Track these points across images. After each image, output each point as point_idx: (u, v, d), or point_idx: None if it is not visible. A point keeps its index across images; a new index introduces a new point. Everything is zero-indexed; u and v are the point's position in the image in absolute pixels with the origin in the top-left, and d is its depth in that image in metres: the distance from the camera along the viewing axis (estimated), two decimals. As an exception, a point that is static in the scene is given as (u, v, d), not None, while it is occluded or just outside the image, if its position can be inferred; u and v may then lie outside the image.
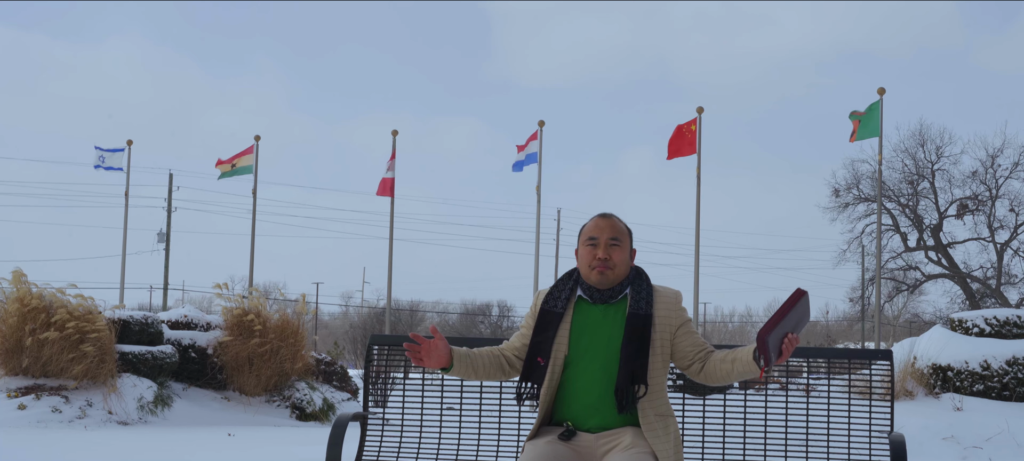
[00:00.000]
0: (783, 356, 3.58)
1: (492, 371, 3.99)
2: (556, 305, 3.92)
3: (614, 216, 3.97)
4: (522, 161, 23.79)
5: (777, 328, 3.55)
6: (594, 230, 3.92)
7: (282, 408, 15.93)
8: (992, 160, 38.94)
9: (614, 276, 3.87)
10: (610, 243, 3.88)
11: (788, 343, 3.57)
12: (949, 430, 11.37)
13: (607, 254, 3.87)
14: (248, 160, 25.16)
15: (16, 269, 14.62)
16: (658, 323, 3.86)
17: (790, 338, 3.58)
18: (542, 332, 3.89)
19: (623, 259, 3.89)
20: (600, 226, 3.92)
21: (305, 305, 17.15)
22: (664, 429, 3.82)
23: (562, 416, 3.88)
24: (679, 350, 3.90)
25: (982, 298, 39.20)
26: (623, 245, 3.90)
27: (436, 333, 3.82)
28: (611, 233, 3.90)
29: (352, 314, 71.94)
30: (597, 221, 3.95)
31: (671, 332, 3.89)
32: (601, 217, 3.96)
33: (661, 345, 3.87)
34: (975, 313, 13.74)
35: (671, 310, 3.89)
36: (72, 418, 13.42)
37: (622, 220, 3.98)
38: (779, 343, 3.58)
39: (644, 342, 3.80)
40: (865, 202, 39.63)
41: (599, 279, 3.87)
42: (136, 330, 15.34)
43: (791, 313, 3.57)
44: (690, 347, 3.90)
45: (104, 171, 25.66)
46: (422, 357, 3.77)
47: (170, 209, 46.47)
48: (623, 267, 3.89)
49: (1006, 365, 12.68)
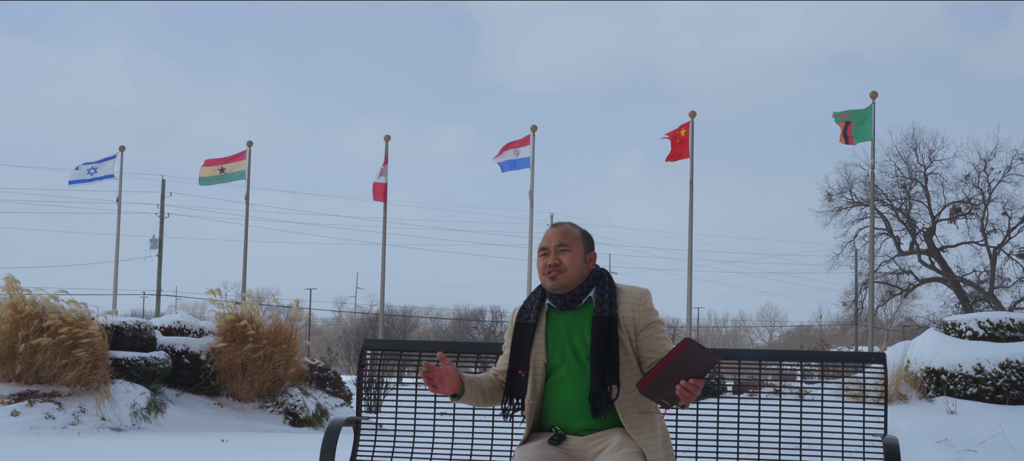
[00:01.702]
0: (683, 400, 3.63)
1: (496, 394, 4.10)
2: (529, 317, 4.00)
3: (566, 223, 4.06)
4: (513, 162, 23.77)
5: (657, 379, 3.62)
6: (545, 239, 4.02)
7: (275, 414, 15.91)
8: (985, 164, 39.02)
9: (565, 280, 3.91)
10: (558, 249, 3.95)
11: (683, 390, 3.61)
12: (943, 433, 11.39)
13: (556, 259, 3.92)
14: (240, 165, 25.09)
15: (9, 275, 14.59)
16: (624, 322, 3.89)
17: (684, 385, 3.60)
18: (519, 345, 3.98)
19: (575, 262, 3.93)
20: (549, 234, 4.02)
21: (299, 311, 17.13)
22: (649, 426, 3.85)
23: (550, 423, 3.94)
24: (638, 351, 3.91)
25: (975, 302, 39.27)
26: (573, 249, 3.95)
27: (444, 359, 3.88)
28: (559, 239, 3.97)
29: (345, 320, 71.88)
30: (548, 230, 4.06)
31: (636, 331, 3.91)
32: (553, 226, 4.06)
33: (631, 344, 3.90)
34: (968, 316, 13.75)
35: (636, 309, 3.92)
36: (65, 424, 13.39)
37: (577, 226, 4.05)
38: (668, 390, 3.64)
39: (612, 343, 3.83)
40: (858, 206, 39.71)
41: (552, 284, 3.93)
42: (129, 336, 15.31)
43: (674, 362, 3.60)
44: (647, 351, 3.91)
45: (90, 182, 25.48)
46: (436, 384, 3.84)
47: (163, 215, 46.40)
48: (575, 270, 3.93)
49: (999, 368, 12.70)
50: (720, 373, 4.99)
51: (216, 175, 25.18)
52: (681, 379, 3.62)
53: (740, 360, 4.93)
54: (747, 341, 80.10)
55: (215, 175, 25.20)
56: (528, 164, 23.64)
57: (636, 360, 3.90)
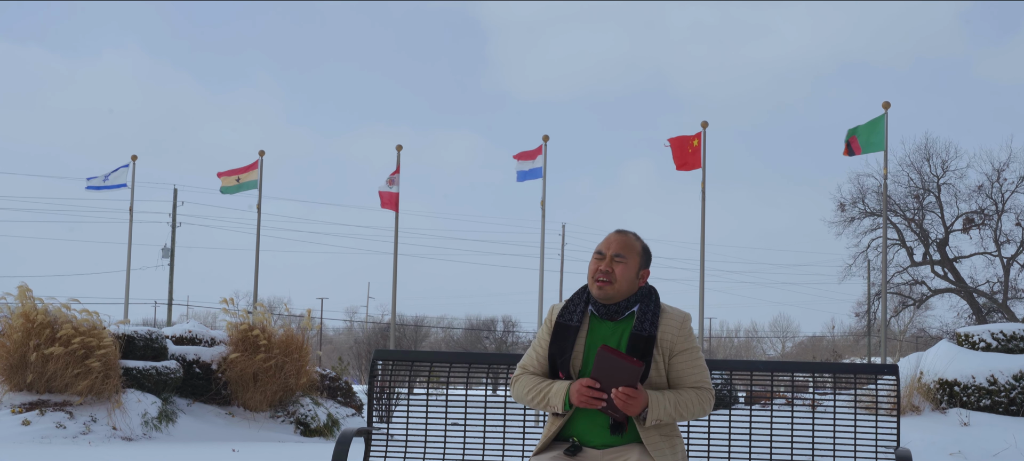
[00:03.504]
0: (625, 411, 3.67)
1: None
2: (572, 319, 3.90)
3: (631, 234, 3.96)
4: (525, 172, 23.79)
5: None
6: (604, 243, 3.93)
7: (286, 424, 15.91)
8: (998, 174, 38.89)
9: (613, 291, 3.85)
10: (615, 257, 3.87)
11: (618, 399, 3.66)
12: (956, 445, 11.33)
13: (610, 267, 3.85)
14: (253, 175, 25.17)
15: (22, 284, 14.63)
16: (661, 344, 3.84)
17: (616, 395, 3.65)
18: (558, 344, 3.89)
19: (627, 276, 3.86)
20: (609, 240, 3.92)
21: (310, 320, 17.15)
22: (670, 449, 3.81)
23: (570, 431, 3.88)
24: (670, 374, 3.88)
25: (989, 313, 39.10)
26: (629, 261, 3.87)
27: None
28: (618, 248, 3.88)
29: (356, 329, 71.93)
30: (610, 235, 3.96)
31: (671, 355, 3.86)
32: (616, 232, 3.96)
33: (664, 365, 3.85)
34: (982, 328, 13.68)
35: (675, 332, 3.86)
36: (76, 434, 13.41)
37: (640, 239, 3.95)
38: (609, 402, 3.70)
39: (644, 366, 3.76)
40: (870, 216, 39.60)
41: (598, 292, 3.86)
42: (140, 345, 15.34)
43: (594, 374, 3.69)
44: (676, 377, 3.87)
45: (104, 190, 25.66)
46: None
47: (175, 224, 46.52)
48: (625, 283, 3.86)
49: (1013, 380, 12.63)
50: (732, 385, 4.97)
51: (234, 185, 25.33)
52: (611, 389, 3.66)
53: (752, 371, 4.91)
54: (759, 352, 79.90)
55: (233, 185, 25.35)
56: (540, 174, 23.65)
57: (668, 383, 3.86)
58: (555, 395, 3.81)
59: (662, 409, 3.73)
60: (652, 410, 3.71)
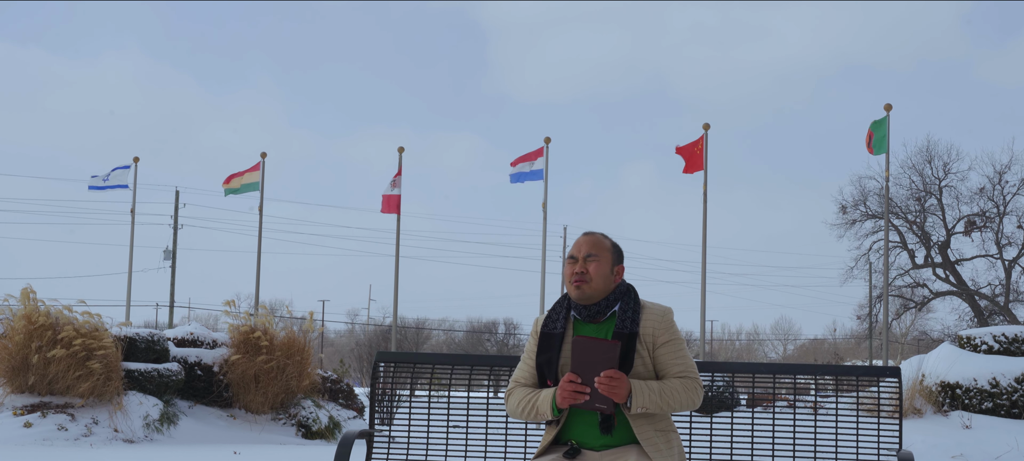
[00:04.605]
0: (611, 396, 3.71)
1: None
2: (555, 327, 3.97)
3: (598, 233, 4.04)
4: (524, 174, 23.78)
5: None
6: (574, 247, 4.01)
7: (288, 426, 15.91)
8: (999, 177, 38.90)
9: (590, 290, 3.90)
10: (587, 257, 3.93)
11: (602, 385, 3.70)
12: (958, 448, 11.33)
13: (584, 268, 3.91)
14: (254, 177, 25.21)
15: (26, 286, 14.63)
16: (644, 338, 3.89)
17: (600, 381, 3.70)
18: (545, 354, 3.94)
19: (602, 272, 3.92)
20: (579, 243, 4.00)
21: (313, 323, 17.15)
22: (666, 444, 3.84)
23: (567, 435, 3.92)
24: (656, 367, 3.91)
25: (990, 315, 39.10)
26: (601, 259, 3.94)
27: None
28: (589, 248, 3.95)
29: (358, 331, 71.93)
30: (578, 238, 4.04)
31: (653, 348, 3.90)
32: (584, 234, 4.04)
33: (649, 360, 3.89)
34: (983, 330, 13.67)
35: (657, 327, 3.91)
36: (78, 436, 13.41)
37: (608, 238, 4.03)
38: (594, 393, 3.75)
39: (628, 361, 3.82)
40: (872, 219, 39.61)
41: (577, 293, 3.91)
42: (142, 348, 15.34)
43: (574, 366, 3.75)
44: (662, 367, 3.91)
45: (105, 190, 25.68)
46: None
47: (176, 226, 46.54)
48: (601, 280, 3.92)
49: (1015, 382, 12.63)
50: (734, 387, 4.97)
51: (237, 187, 25.40)
52: (594, 376, 3.69)
53: (754, 374, 4.91)
54: (761, 354, 79.89)
55: (237, 187, 25.41)
56: (541, 176, 23.65)
57: (655, 377, 3.90)
58: (543, 402, 3.86)
59: (646, 396, 3.77)
60: (636, 396, 3.75)
